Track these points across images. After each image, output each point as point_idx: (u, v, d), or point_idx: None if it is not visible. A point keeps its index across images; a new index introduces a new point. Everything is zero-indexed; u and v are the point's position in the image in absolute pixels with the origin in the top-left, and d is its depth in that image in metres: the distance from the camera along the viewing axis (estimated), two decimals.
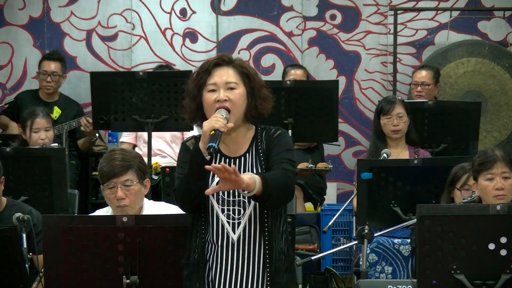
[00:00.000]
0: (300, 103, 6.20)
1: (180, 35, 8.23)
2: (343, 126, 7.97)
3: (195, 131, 7.05)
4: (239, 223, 3.55)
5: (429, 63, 7.85)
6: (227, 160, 3.60)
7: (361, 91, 8.25)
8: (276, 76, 7.97)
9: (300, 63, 7.97)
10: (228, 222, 3.55)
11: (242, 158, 3.62)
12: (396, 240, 5.61)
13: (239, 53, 8.16)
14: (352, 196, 5.65)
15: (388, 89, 8.20)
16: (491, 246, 3.38)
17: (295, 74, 7.34)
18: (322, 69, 8.24)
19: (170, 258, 3.68)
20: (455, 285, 3.39)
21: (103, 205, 4.63)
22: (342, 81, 8.12)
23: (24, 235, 4.36)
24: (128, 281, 3.62)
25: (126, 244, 3.62)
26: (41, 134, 6.39)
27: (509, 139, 7.99)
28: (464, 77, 8.01)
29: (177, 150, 7.14)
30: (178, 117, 6.07)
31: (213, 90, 3.58)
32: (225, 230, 3.55)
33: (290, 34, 8.23)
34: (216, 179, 3.52)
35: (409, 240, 5.13)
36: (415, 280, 3.53)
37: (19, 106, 7.42)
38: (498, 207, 3.40)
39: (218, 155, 3.61)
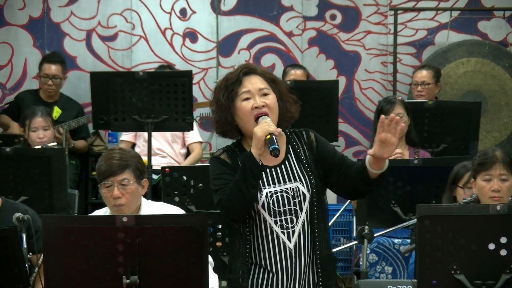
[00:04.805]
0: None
1: (180, 35, 8.23)
2: (343, 126, 7.97)
3: (195, 131, 7.05)
4: (293, 232, 3.56)
5: (429, 63, 7.85)
6: (267, 169, 3.59)
7: (361, 91, 8.25)
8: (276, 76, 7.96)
9: (300, 63, 7.96)
10: (283, 232, 3.56)
11: (283, 166, 3.62)
12: (396, 240, 5.61)
13: (239, 53, 8.17)
14: None
15: (388, 89, 8.20)
16: (491, 246, 3.37)
17: (295, 74, 7.34)
18: (322, 69, 8.23)
19: (170, 258, 3.67)
20: (455, 285, 3.39)
21: (103, 205, 4.64)
22: (342, 81, 8.12)
23: (24, 235, 4.36)
24: (128, 281, 3.61)
25: (126, 244, 3.61)
26: (40, 133, 6.40)
27: (509, 139, 7.99)
28: (464, 77, 8.01)
29: (178, 150, 7.21)
30: (178, 117, 6.09)
31: (247, 99, 3.58)
32: (281, 240, 3.56)
33: (290, 34, 8.23)
34: (264, 191, 3.55)
35: (409, 240, 5.13)
36: (415, 280, 3.52)
37: (20, 106, 7.42)
38: (498, 207, 3.40)
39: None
